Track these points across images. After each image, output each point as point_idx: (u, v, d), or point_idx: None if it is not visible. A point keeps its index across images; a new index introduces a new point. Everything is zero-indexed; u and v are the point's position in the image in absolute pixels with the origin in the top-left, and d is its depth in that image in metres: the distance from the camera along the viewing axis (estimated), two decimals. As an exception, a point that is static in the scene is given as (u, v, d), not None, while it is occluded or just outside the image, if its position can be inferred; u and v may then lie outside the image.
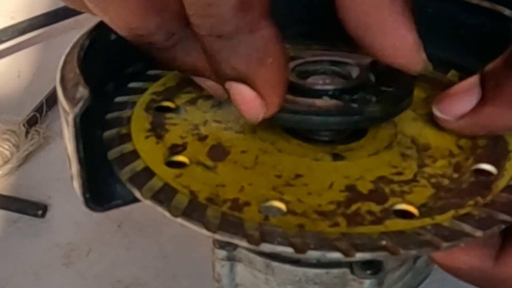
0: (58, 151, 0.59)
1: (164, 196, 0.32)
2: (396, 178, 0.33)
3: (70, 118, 0.30)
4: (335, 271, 0.32)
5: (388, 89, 0.36)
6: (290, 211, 0.31)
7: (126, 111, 0.38)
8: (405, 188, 0.33)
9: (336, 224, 0.30)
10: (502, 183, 0.33)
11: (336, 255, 0.29)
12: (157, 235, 0.52)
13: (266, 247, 0.29)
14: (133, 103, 0.38)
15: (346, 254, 0.29)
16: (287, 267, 0.33)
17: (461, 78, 0.41)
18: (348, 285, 0.32)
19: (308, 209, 0.31)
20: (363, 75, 0.36)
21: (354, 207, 0.31)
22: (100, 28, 0.38)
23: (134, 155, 0.34)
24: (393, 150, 0.35)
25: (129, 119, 0.37)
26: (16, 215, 0.54)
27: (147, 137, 0.36)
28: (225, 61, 0.31)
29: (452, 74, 0.42)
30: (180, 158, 0.35)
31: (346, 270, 0.32)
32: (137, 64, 0.41)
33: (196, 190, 0.32)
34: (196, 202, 0.31)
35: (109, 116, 0.37)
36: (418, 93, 0.39)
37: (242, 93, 0.32)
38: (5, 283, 0.49)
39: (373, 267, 0.32)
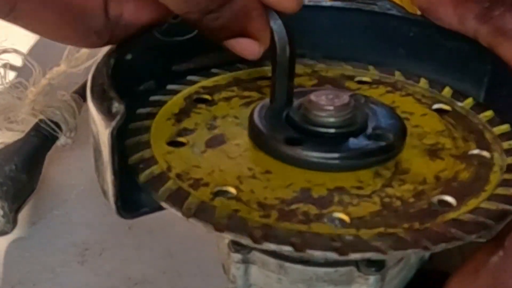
0: (75, 160, 0.59)
1: (157, 182, 0.33)
2: (353, 191, 0.32)
3: (107, 132, 0.30)
4: (343, 269, 0.32)
5: (388, 121, 0.36)
6: (237, 198, 0.31)
7: (168, 96, 0.39)
8: (354, 201, 0.32)
9: (266, 216, 0.30)
10: (451, 215, 0.31)
11: (245, 241, 0.29)
12: (164, 236, 0.51)
13: (192, 221, 0.30)
14: (178, 92, 0.40)
15: (254, 240, 0.29)
16: (299, 267, 0.32)
17: (454, 96, 0.41)
18: (355, 282, 0.32)
19: (252, 199, 0.31)
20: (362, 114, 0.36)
21: (294, 206, 0.31)
22: (119, 49, 0.37)
23: (146, 131, 0.36)
24: (371, 168, 0.34)
25: (165, 103, 0.38)
26: (36, 217, 0.53)
27: (168, 118, 0.37)
28: (219, 27, 0.35)
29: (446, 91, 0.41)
30: (182, 139, 0.36)
31: (352, 268, 0.32)
32: (148, 82, 0.40)
33: (173, 166, 0.33)
34: (180, 188, 0.32)
35: (152, 98, 0.39)
36: (434, 125, 0.38)
37: (240, 43, 0.35)
38: (25, 280, 0.48)
39: (377, 264, 0.31)
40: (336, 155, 0.33)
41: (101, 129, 0.31)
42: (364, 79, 0.43)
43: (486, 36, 0.36)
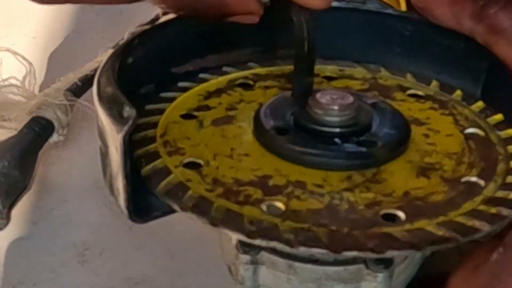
0: (75, 160, 0.58)
1: (142, 143, 0.34)
2: (310, 187, 0.32)
3: (120, 136, 0.30)
4: (352, 267, 0.32)
5: (390, 131, 0.35)
6: (199, 171, 0.32)
7: (215, 76, 0.41)
8: (304, 196, 0.32)
9: (211, 191, 0.31)
10: (388, 229, 0.30)
11: (175, 207, 0.30)
12: (165, 236, 0.51)
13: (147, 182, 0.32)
14: (228, 74, 0.41)
15: (181, 208, 0.30)
16: (309, 266, 0.32)
17: (441, 87, 0.41)
18: (364, 279, 0.32)
19: (211, 175, 0.32)
20: (366, 116, 0.35)
21: (243, 188, 0.32)
22: (122, 52, 0.37)
23: (169, 100, 0.38)
24: (345, 171, 0.33)
25: (206, 81, 0.40)
26: (36, 217, 0.53)
27: (200, 94, 0.39)
28: (203, 16, 0.36)
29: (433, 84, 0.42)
30: (196, 113, 0.37)
31: (361, 266, 0.32)
32: (148, 85, 0.40)
33: (167, 134, 0.35)
34: (155, 152, 0.34)
35: (201, 75, 0.41)
36: (450, 147, 0.37)
37: (235, 18, 0.36)
38: (25, 280, 0.48)
39: (386, 262, 0.31)
40: (304, 150, 0.34)
41: (112, 133, 0.30)
42: (419, 93, 0.42)
43: (481, 34, 0.36)
